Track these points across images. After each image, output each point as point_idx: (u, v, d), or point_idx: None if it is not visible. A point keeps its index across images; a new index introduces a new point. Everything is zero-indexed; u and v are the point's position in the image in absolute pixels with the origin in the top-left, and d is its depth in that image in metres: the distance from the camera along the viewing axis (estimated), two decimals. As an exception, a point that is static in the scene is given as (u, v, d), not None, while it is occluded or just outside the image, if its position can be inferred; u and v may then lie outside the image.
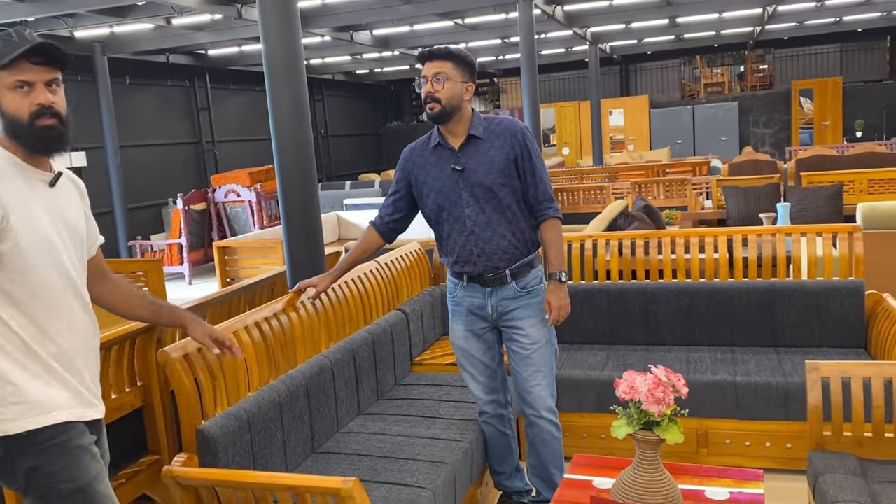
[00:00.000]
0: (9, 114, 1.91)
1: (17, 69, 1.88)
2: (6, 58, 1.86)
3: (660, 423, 2.11)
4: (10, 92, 1.89)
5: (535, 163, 2.95)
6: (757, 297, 4.06)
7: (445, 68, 2.86)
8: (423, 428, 3.25)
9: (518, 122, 3.03)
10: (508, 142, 2.91)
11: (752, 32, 15.01)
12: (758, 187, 7.90)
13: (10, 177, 1.91)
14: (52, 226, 1.97)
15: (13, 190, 1.90)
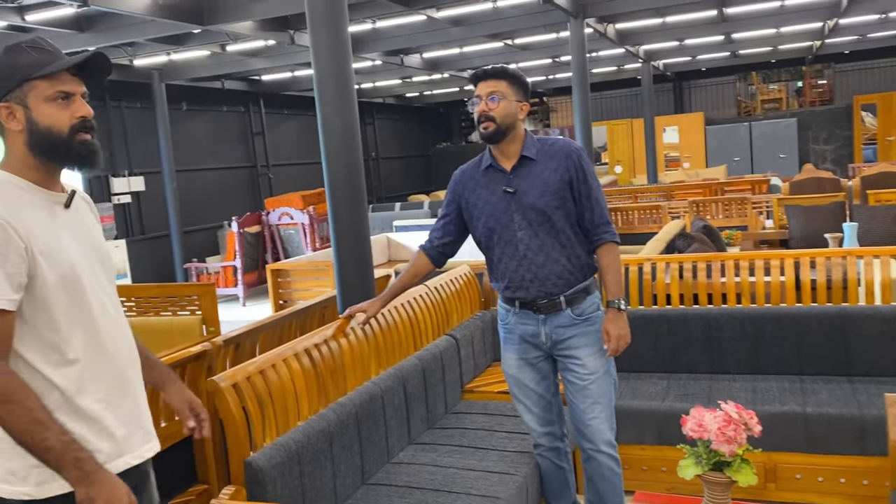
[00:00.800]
0: (44, 126, 1.74)
1: (58, 79, 1.73)
2: (49, 67, 1.72)
3: (731, 464, 1.96)
4: (46, 103, 1.74)
5: (591, 184, 2.84)
6: (828, 322, 3.85)
7: (500, 87, 2.79)
8: (475, 460, 3.14)
9: (573, 143, 2.93)
10: (563, 163, 2.81)
11: (811, 47, 14.61)
12: (822, 206, 7.59)
13: (29, 205, 1.75)
14: (78, 252, 1.81)
15: (32, 219, 1.73)
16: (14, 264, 1.66)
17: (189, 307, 4.87)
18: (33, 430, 1.61)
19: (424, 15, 8.64)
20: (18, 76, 1.71)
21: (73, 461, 1.62)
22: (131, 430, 1.86)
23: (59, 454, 1.61)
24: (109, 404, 1.81)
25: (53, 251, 1.73)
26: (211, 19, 7.40)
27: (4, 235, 1.65)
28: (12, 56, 1.72)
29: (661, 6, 9.07)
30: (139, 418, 1.91)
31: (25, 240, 1.68)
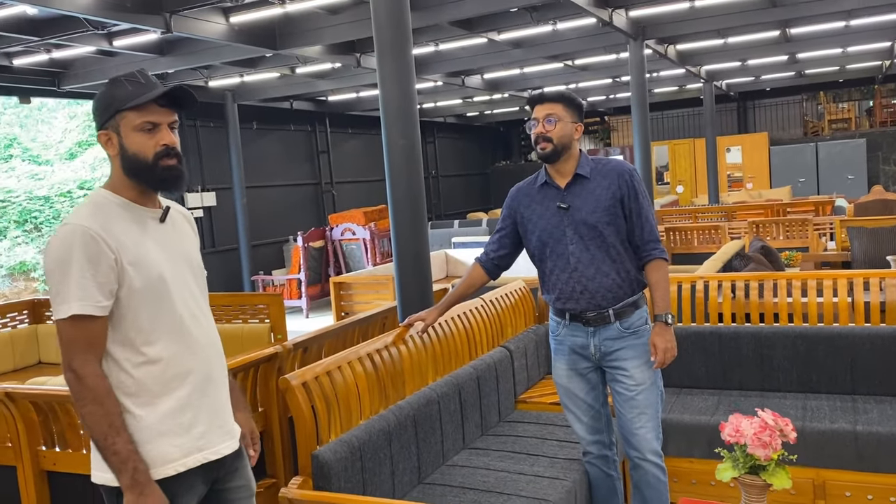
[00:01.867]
0: (132, 153, 1.94)
1: (145, 110, 1.92)
2: (138, 99, 1.91)
3: (766, 468, 2.07)
4: (135, 132, 1.93)
5: (642, 203, 2.98)
6: (881, 343, 3.87)
7: (556, 109, 2.95)
8: (526, 465, 3.29)
9: (626, 164, 3.08)
10: (616, 182, 2.96)
11: (881, 66, 14.30)
12: (886, 228, 7.48)
13: (123, 220, 1.94)
14: (166, 261, 1.98)
15: (124, 233, 1.92)
16: (104, 274, 1.87)
17: (258, 315, 5.18)
18: (107, 433, 1.83)
19: (486, 38, 8.88)
20: (112, 107, 1.93)
21: (132, 470, 1.84)
22: (211, 428, 2.02)
23: (122, 459, 1.83)
24: (190, 403, 1.98)
25: (142, 262, 1.92)
26: (283, 44, 7.79)
27: (96, 248, 1.86)
28: (112, 89, 1.95)
29: (723, 28, 9.09)
30: (220, 417, 2.06)
31: (115, 251, 1.88)
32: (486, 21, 8.24)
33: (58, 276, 1.86)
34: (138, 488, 1.83)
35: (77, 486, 2.98)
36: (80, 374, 1.85)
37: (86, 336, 1.86)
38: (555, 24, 8.25)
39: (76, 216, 1.91)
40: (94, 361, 1.87)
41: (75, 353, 1.85)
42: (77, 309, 1.84)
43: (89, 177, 15.91)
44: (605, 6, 7.54)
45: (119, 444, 1.84)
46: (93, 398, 1.84)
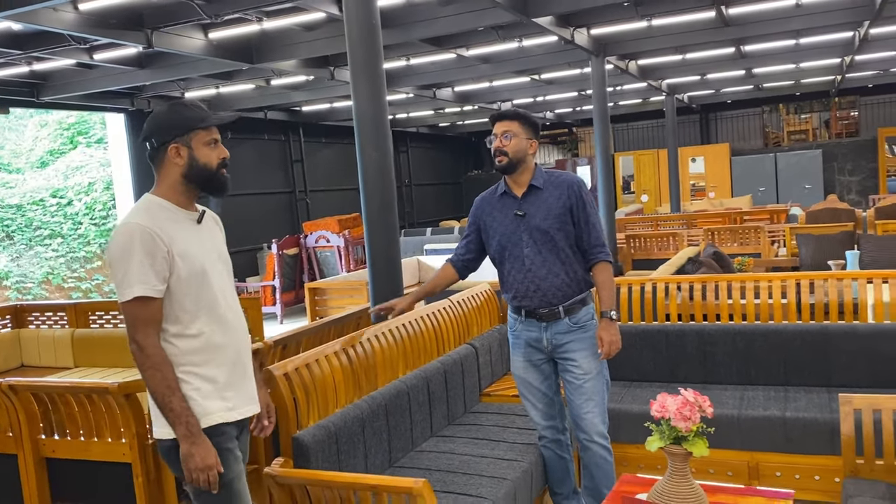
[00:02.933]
0: (202, 163, 2.38)
1: (210, 130, 2.38)
2: (209, 121, 2.37)
3: (687, 438, 2.42)
4: (205, 147, 2.37)
5: (589, 212, 3.34)
6: (811, 339, 4.26)
7: (512, 127, 3.30)
8: (487, 449, 3.61)
9: (575, 176, 3.44)
10: (566, 192, 3.31)
11: (833, 81, 14.94)
12: (831, 235, 7.95)
13: (169, 220, 2.34)
14: (204, 256, 2.39)
15: (173, 231, 2.32)
16: (160, 263, 2.26)
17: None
18: (165, 392, 2.25)
19: (455, 53, 9.23)
20: (187, 125, 2.34)
21: (186, 423, 2.26)
22: (240, 392, 2.43)
23: (177, 414, 2.25)
24: (225, 371, 2.39)
25: (188, 254, 2.33)
26: (260, 58, 8.07)
27: (152, 243, 2.25)
28: (181, 110, 2.37)
29: (680, 45, 9.55)
30: (247, 385, 2.48)
31: (168, 245, 2.28)
32: (454, 38, 8.61)
33: (122, 265, 2.24)
34: (191, 438, 2.25)
35: (74, 471, 3.24)
36: (143, 345, 2.24)
37: (146, 314, 2.25)
38: (520, 41, 8.63)
39: (134, 216, 2.31)
40: (153, 335, 2.26)
41: (138, 328, 2.24)
42: (139, 291, 2.22)
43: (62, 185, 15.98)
44: (567, 25, 7.94)
45: (175, 403, 2.24)
46: (152, 364, 2.24)
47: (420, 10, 7.10)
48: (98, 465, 3.15)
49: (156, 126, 2.37)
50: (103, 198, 15.78)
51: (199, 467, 2.26)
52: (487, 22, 7.27)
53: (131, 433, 3.01)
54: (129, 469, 3.03)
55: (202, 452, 2.26)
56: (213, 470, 2.29)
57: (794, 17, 8.37)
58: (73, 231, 15.78)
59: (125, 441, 3.06)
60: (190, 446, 2.25)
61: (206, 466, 2.27)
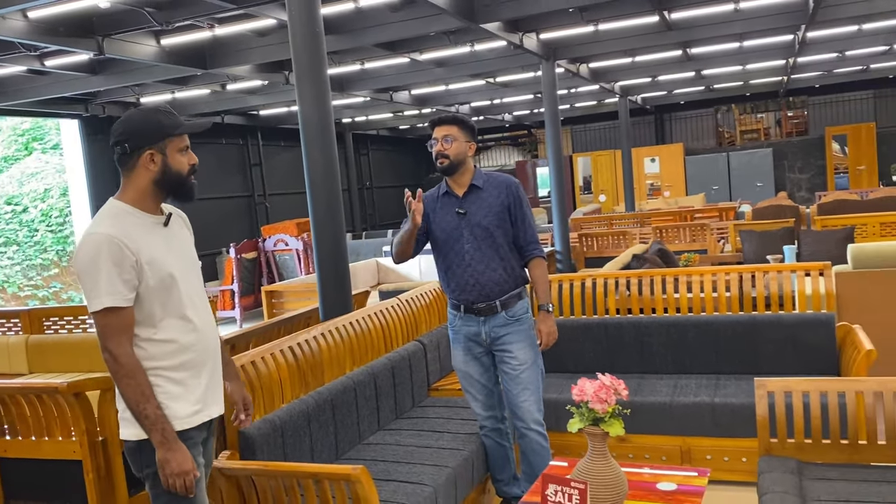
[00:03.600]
0: (174, 170, 2.38)
1: (183, 137, 2.40)
2: (182, 128, 2.38)
3: (604, 419, 2.60)
4: (178, 153, 2.38)
5: (525, 211, 3.54)
6: (740, 329, 4.50)
7: (452, 131, 3.47)
8: (431, 440, 3.77)
9: (512, 178, 3.64)
10: (504, 192, 3.50)
11: (781, 81, 15.41)
12: (772, 231, 8.26)
13: (137, 226, 2.34)
14: (173, 260, 2.40)
15: (140, 238, 2.33)
16: (128, 272, 2.28)
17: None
18: (139, 400, 2.28)
19: (408, 58, 9.39)
20: (164, 132, 2.35)
21: (161, 430, 2.29)
22: (208, 394, 2.48)
23: (152, 421, 2.28)
24: (193, 374, 2.43)
25: (155, 261, 2.35)
26: (213, 64, 8.14)
27: (120, 252, 2.26)
28: (156, 117, 2.37)
29: (628, 48, 9.82)
30: (215, 386, 2.53)
31: (135, 253, 2.30)
32: (408, 43, 8.76)
33: (91, 277, 2.26)
34: (167, 444, 2.29)
35: (27, 470, 3.33)
36: (115, 354, 2.27)
37: (116, 323, 2.28)
38: (472, 45, 8.81)
39: (100, 225, 2.31)
40: (125, 343, 2.29)
41: (109, 338, 2.27)
42: (108, 302, 2.25)
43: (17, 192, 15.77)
44: (516, 30, 8.14)
45: (149, 410, 2.28)
46: (126, 373, 2.27)
47: (370, 15, 7.24)
48: (50, 464, 3.24)
49: (130, 131, 2.36)
50: (60, 204, 15.61)
51: (176, 472, 2.30)
52: (437, 28, 7.44)
53: (81, 431, 3.11)
54: (80, 466, 3.12)
55: (178, 458, 2.30)
56: (190, 475, 2.33)
57: (735, 21, 8.68)
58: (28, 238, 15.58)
59: (75, 439, 3.15)
60: (166, 452, 2.29)
61: (183, 471, 2.31)
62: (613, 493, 2.62)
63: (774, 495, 2.83)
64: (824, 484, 2.92)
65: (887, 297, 5.34)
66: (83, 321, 5.41)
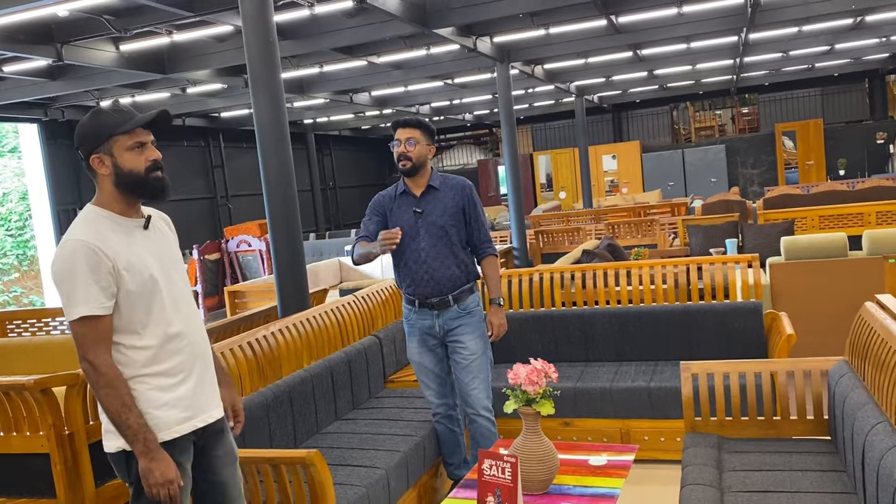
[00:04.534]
0: (126, 169, 2.27)
1: (133, 133, 2.27)
2: (127, 125, 2.26)
3: (536, 400, 2.86)
4: (128, 152, 2.27)
5: (479, 211, 3.79)
6: (676, 318, 4.79)
7: (415, 134, 3.67)
8: (386, 428, 4.00)
9: (466, 181, 3.86)
10: (459, 193, 3.73)
11: (731, 80, 15.89)
12: (718, 225, 8.63)
13: (114, 231, 2.28)
14: (154, 263, 2.33)
15: (116, 243, 2.26)
16: (105, 279, 2.22)
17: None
18: (121, 410, 2.22)
19: (366, 61, 9.58)
20: (104, 133, 2.27)
21: (143, 440, 2.23)
22: (199, 398, 2.40)
23: (134, 431, 2.23)
24: (182, 379, 2.36)
25: (134, 266, 2.27)
26: (172, 69, 8.25)
27: (96, 259, 2.20)
28: (98, 118, 2.29)
29: (580, 50, 10.13)
30: (206, 390, 2.44)
31: (112, 259, 2.23)
32: (364, 47, 8.95)
33: (67, 285, 2.21)
34: (150, 454, 2.24)
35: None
36: (95, 364, 2.21)
37: (94, 333, 2.22)
38: (428, 49, 9.04)
39: (76, 232, 2.26)
40: (104, 353, 2.23)
41: (87, 348, 2.21)
42: (85, 311, 2.19)
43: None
44: (469, 34, 8.39)
45: (131, 420, 2.23)
46: (106, 383, 2.22)
47: (325, 22, 7.43)
48: (18, 458, 3.39)
49: (79, 137, 2.31)
50: (19, 208, 15.48)
51: (160, 482, 2.25)
52: (391, 33, 7.65)
53: (48, 425, 3.26)
54: (48, 459, 3.28)
55: (162, 467, 2.24)
56: (174, 484, 2.27)
57: (680, 24, 9.04)
58: (-13, 243, 15.43)
59: (42, 433, 3.31)
60: (149, 462, 2.23)
61: (167, 481, 2.25)
62: (545, 468, 2.87)
63: (695, 467, 3.10)
64: (740, 456, 3.21)
65: (815, 286, 5.70)
66: (46, 324, 5.53)
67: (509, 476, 2.59)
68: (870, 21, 10.49)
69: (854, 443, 2.64)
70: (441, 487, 4.16)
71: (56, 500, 3.31)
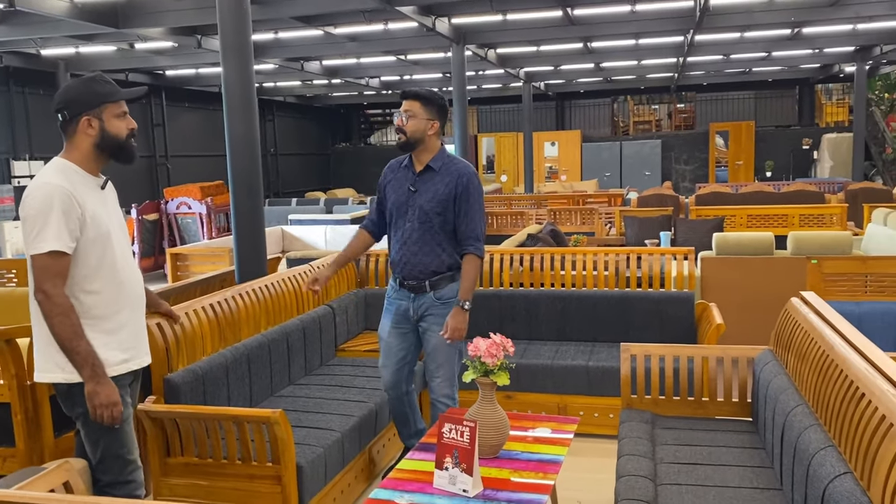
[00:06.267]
0: (112, 134, 2.61)
1: (120, 104, 2.62)
2: (117, 95, 2.61)
3: (493, 371, 3.07)
4: (115, 119, 2.61)
5: (472, 204, 3.55)
6: (614, 303, 5.09)
7: (413, 107, 3.52)
8: (339, 394, 4.15)
9: (469, 168, 3.64)
10: (454, 181, 3.54)
11: (672, 77, 16.43)
12: (652, 218, 9.05)
13: (81, 184, 2.57)
14: (108, 219, 2.65)
15: (85, 195, 2.56)
16: (73, 223, 2.51)
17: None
18: (72, 337, 2.49)
19: (322, 30, 9.57)
20: (97, 100, 2.59)
21: (91, 364, 2.51)
22: (136, 344, 2.75)
23: (83, 357, 2.50)
24: (123, 325, 2.69)
25: (96, 217, 2.59)
26: (125, 23, 8.07)
27: (69, 202, 2.50)
28: (92, 86, 2.60)
29: (533, 38, 10.35)
30: (142, 337, 2.80)
31: (81, 207, 2.53)
32: (323, 17, 8.94)
33: (39, 221, 2.47)
34: (96, 378, 2.51)
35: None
36: (51, 294, 2.47)
37: (56, 267, 2.49)
38: (386, 24, 9.09)
39: (50, 177, 2.53)
40: (60, 285, 2.51)
41: (46, 279, 2.47)
42: (54, 246, 2.46)
43: None
44: (429, 14, 8.50)
45: (81, 346, 2.50)
46: (60, 311, 2.47)
47: (289, -11, 7.43)
48: (-22, 406, 3.42)
49: (69, 99, 2.59)
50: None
51: (105, 403, 2.50)
52: (353, 6, 7.69)
53: (10, 375, 3.31)
54: (9, 409, 3.33)
55: (107, 390, 2.51)
56: (118, 407, 2.54)
57: (632, 21, 9.35)
58: None
59: (3, 382, 3.35)
60: (95, 385, 2.50)
61: (111, 403, 2.51)
62: (497, 434, 3.09)
63: (630, 440, 3.38)
64: (671, 431, 3.51)
65: (743, 280, 6.11)
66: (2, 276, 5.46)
67: (467, 439, 2.80)
68: (806, 33, 11.06)
69: (775, 423, 2.95)
70: (390, 449, 4.35)
71: (15, 449, 3.37)
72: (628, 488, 2.86)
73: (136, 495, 2.75)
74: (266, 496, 3.22)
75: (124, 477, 2.70)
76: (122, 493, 2.70)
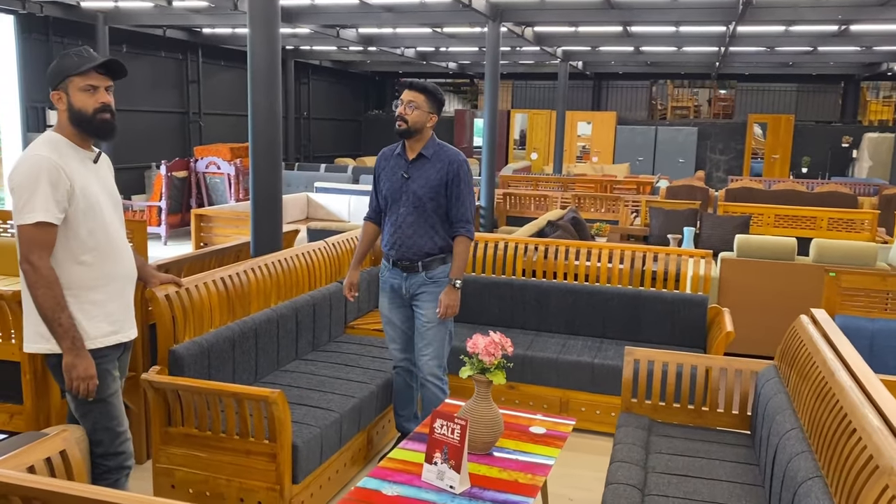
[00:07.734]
0: (77, 108, 2.61)
1: (88, 76, 2.61)
2: (82, 67, 2.60)
3: (490, 370, 3.08)
4: (80, 92, 2.61)
5: (462, 189, 3.77)
6: (626, 300, 5.07)
7: (418, 99, 3.73)
8: (343, 373, 4.21)
9: (460, 155, 3.85)
10: (446, 167, 3.77)
11: (714, 64, 16.09)
12: (679, 210, 8.93)
13: (71, 157, 2.62)
14: (100, 192, 2.69)
15: (74, 167, 2.61)
16: (62, 194, 2.55)
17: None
18: (55, 308, 2.55)
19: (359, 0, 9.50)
20: (63, 74, 2.62)
21: (72, 338, 2.57)
22: (124, 317, 2.80)
23: (65, 329, 2.57)
24: (111, 298, 2.73)
25: (85, 189, 2.63)
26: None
27: (57, 174, 2.54)
28: (62, 61, 2.64)
29: (572, 20, 10.18)
30: (130, 311, 2.85)
31: (70, 178, 2.58)
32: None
33: (27, 192, 2.51)
34: (75, 351, 2.58)
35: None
36: (36, 265, 2.51)
37: (43, 238, 2.53)
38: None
39: (39, 149, 2.58)
40: (46, 257, 2.55)
41: (33, 250, 2.52)
42: (42, 217, 2.50)
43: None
44: (465, -11, 8.40)
45: (63, 318, 2.56)
46: (45, 283, 2.53)
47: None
48: (-10, 363, 3.53)
49: (48, 74, 2.68)
50: (-18, 97, 15.04)
51: (82, 377, 2.57)
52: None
53: (21, 335, 3.40)
54: (19, 367, 3.42)
55: (85, 364, 2.58)
56: (94, 379, 2.61)
57: (673, 9, 9.15)
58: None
59: (15, 342, 3.44)
60: (74, 358, 2.57)
61: (88, 376, 2.58)
62: (491, 432, 3.11)
63: (625, 445, 3.39)
64: (667, 440, 3.51)
65: (761, 284, 6.04)
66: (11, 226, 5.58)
67: (457, 437, 2.82)
68: (854, 30, 10.74)
69: (769, 442, 2.94)
70: (387, 433, 4.41)
71: (23, 406, 3.47)
72: (615, 497, 2.87)
73: (126, 466, 2.83)
74: (261, 472, 3.29)
75: (115, 448, 2.78)
76: (114, 464, 2.78)
